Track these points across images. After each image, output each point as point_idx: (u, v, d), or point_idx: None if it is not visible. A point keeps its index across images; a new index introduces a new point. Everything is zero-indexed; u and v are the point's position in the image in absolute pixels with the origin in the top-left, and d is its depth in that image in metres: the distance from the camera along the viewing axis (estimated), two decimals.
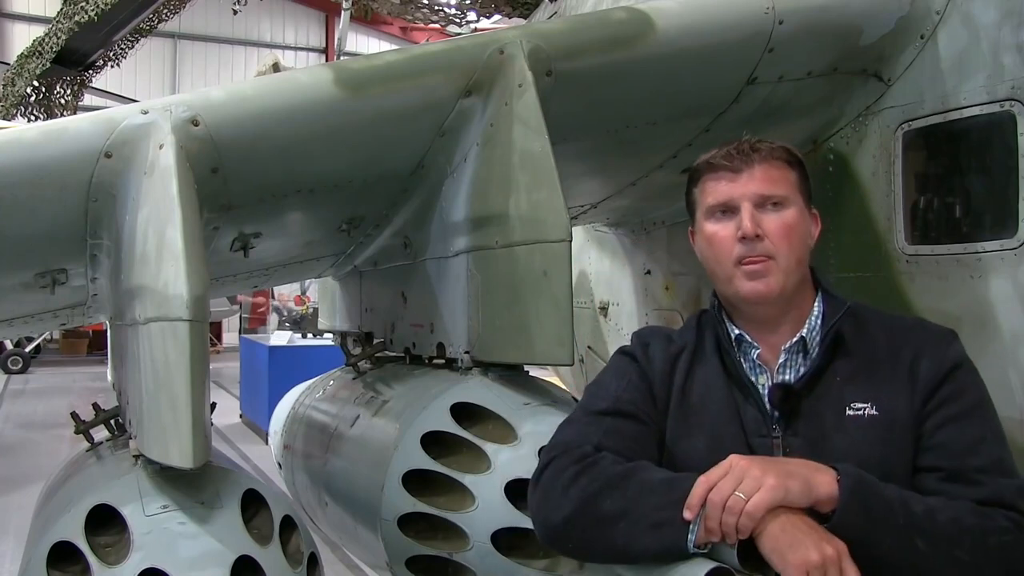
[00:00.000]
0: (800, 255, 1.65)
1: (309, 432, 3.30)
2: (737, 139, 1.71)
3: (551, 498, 1.58)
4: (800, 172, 1.70)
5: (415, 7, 8.09)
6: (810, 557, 1.32)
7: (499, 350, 2.36)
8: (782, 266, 1.61)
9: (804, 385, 1.60)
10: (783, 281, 1.62)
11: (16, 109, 12.96)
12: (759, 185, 1.63)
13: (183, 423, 1.83)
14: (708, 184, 1.69)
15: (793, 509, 1.39)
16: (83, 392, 13.78)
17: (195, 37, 24.91)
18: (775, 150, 1.67)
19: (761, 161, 1.65)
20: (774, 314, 1.67)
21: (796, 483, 1.40)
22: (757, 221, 1.61)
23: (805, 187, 1.70)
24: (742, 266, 1.62)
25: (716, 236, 1.66)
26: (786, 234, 1.62)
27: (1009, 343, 2.28)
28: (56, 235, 2.29)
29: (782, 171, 1.66)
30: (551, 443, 1.70)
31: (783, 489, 1.39)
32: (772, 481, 1.39)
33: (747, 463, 1.43)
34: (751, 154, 1.65)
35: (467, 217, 2.43)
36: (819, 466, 1.44)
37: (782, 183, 1.65)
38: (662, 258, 3.79)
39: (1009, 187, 2.25)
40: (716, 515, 1.40)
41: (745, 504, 1.38)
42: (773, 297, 1.63)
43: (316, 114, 2.20)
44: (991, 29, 2.31)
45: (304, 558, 2.00)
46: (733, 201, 1.64)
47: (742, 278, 1.63)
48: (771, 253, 1.61)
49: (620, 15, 2.34)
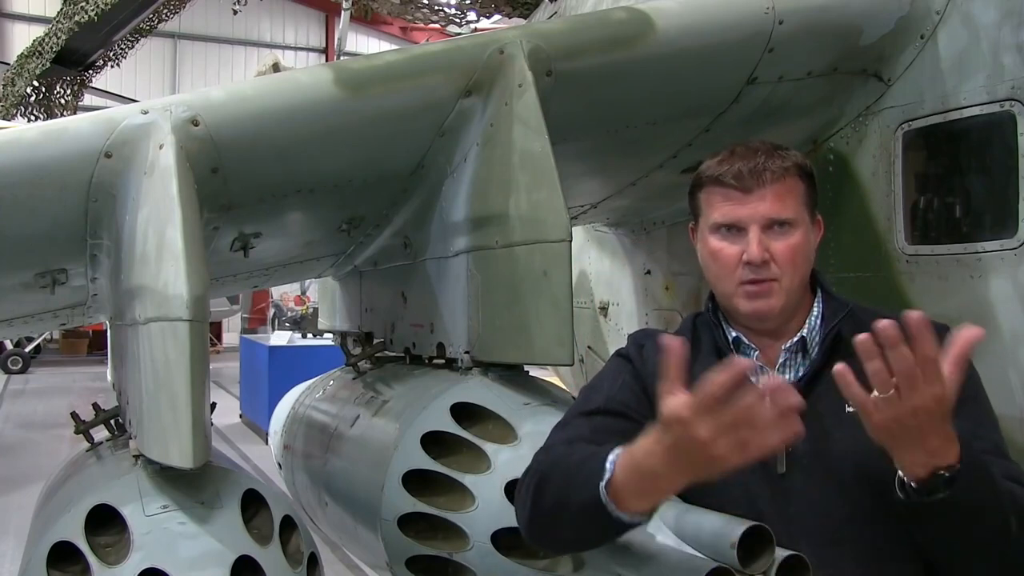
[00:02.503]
0: (804, 274, 1.65)
1: (309, 432, 3.30)
2: (747, 145, 1.66)
3: (519, 501, 1.65)
4: (809, 184, 1.67)
5: (415, 7, 8.10)
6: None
7: (499, 350, 2.36)
8: (785, 287, 1.61)
9: (804, 385, 1.60)
10: (784, 301, 1.62)
11: (16, 109, 12.96)
12: (769, 208, 1.60)
13: (183, 423, 1.83)
14: (715, 198, 1.66)
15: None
16: (83, 392, 13.78)
17: (195, 37, 24.93)
18: (788, 168, 1.63)
19: (773, 182, 1.61)
20: (774, 325, 1.68)
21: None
22: (765, 245, 1.59)
23: (813, 199, 1.68)
24: (745, 286, 1.62)
25: (721, 253, 1.65)
26: (792, 258, 1.61)
27: (1009, 343, 2.28)
28: (56, 235, 2.29)
29: (793, 189, 1.63)
30: (541, 447, 1.72)
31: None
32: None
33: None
34: (763, 174, 1.61)
35: (467, 217, 2.43)
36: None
37: (791, 203, 1.62)
38: (662, 258, 3.79)
39: (1009, 187, 2.25)
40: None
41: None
42: (773, 316, 1.64)
43: (316, 114, 2.20)
44: (991, 29, 2.31)
45: (304, 558, 2.00)
46: (741, 222, 1.62)
47: (743, 298, 1.63)
48: (775, 276, 1.60)
49: (620, 15, 2.34)
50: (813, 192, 1.68)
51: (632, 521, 1.46)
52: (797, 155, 1.68)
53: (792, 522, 1.55)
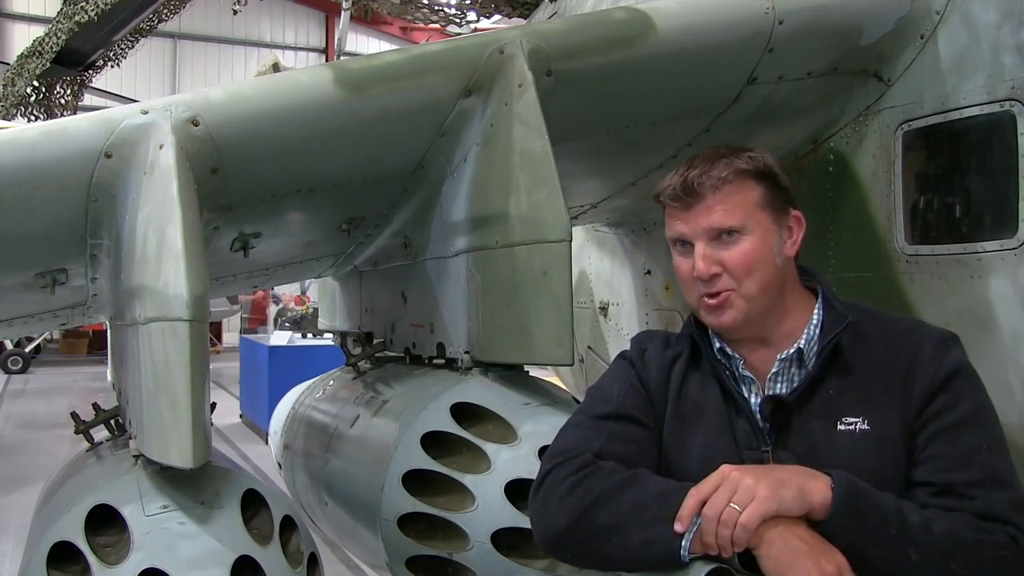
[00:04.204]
0: (766, 279, 1.59)
1: (309, 432, 3.30)
2: (697, 156, 1.63)
3: (550, 507, 1.58)
4: (766, 185, 1.60)
5: (415, 7, 8.10)
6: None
7: (499, 350, 2.36)
8: (744, 295, 1.58)
9: (797, 398, 1.57)
10: (746, 309, 1.59)
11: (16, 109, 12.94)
12: (712, 218, 1.56)
13: (183, 423, 1.83)
14: (667, 213, 1.65)
15: (789, 518, 1.38)
16: (83, 392, 13.77)
17: (195, 37, 24.89)
18: (729, 174, 1.57)
19: (713, 191, 1.56)
20: (750, 334, 1.64)
21: (790, 491, 1.38)
22: (713, 258, 1.57)
23: (774, 199, 1.61)
24: (703, 299, 1.60)
25: (680, 269, 1.64)
26: (745, 265, 1.57)
27: (1009, 343, 2.28)
28: (56, 235, 2.29)
29: (740, 193, 1.57)
30: (553, 449, 1.69)
31: (777, 499, 1.37)
32: (765, 492, 1.37)
33: (739, 473, 1.41)
34: (700, 187, 1.57)
35: (467, 217, 2.43)
36: (813, 472, 1.43)
37: (738, 210, 1.57)
38: (662, 258, 3.79)
39: (1009, 187, 2.25)
40: (712, 529, 1.38)
41: (739, 516, 1.36)
42: (737, 327, 1.61)
43: (316, 114, 2.20)
44: (991, 29, 2.32)
45: (304, 558, 2.00)
46: (686, 236, 1.61)
47: (704, 311, 1.62)
48: (731, 286, 1.58)
49: (620, 15, 2.34)
50: (774, 191, 1.61)
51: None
52: (749, 157, 1.61)
53: None
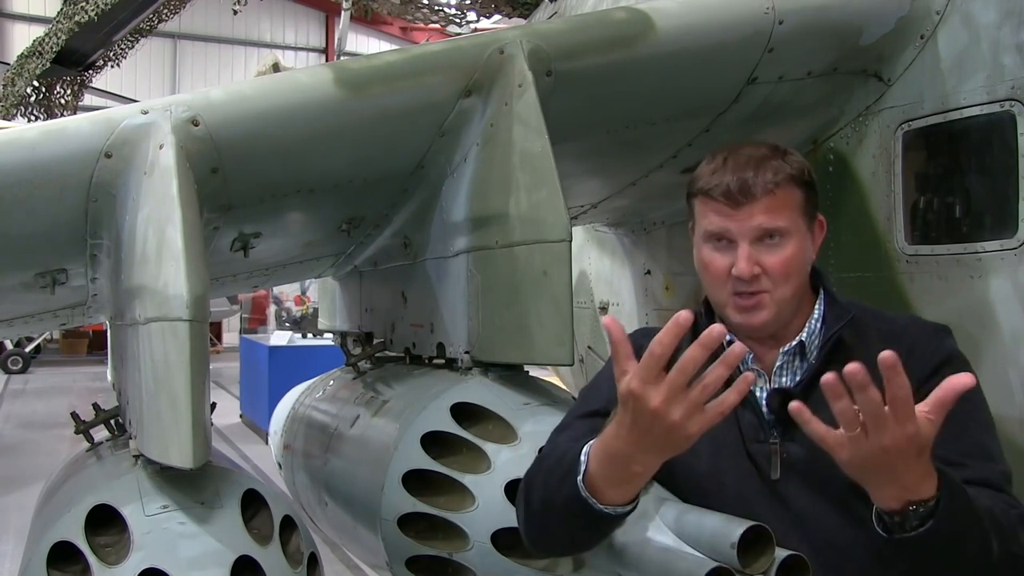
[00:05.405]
0: (799, 283, 1.61)
1: (309, 432, 3.30)
2: (740, 152, 1.61)
3: (517, 505, 1.67)
4: (807, 191, 1.62)
5: (415, 7, 8.10)
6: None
7: (499, 350, 2.36)
8: (776, 298, 1.59)
9: (801, 390, 1.58)
10: (776, 312, 1.60)
11: (16, 109, 12.96)
12: (760, 219, 1.56)
13: (183, 423, 1.83)
14: (706, 208, 1.63)
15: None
16: (83, 392, 13.78)
17: (195, 37, 24.93)
18: (779, 181, 1.57)
19: (763, 195, 1.56)
20: (765, 334, 1.65)
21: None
22: (755, 259, 1.57)
23: (811, 204, 1.63)
24: (735, 298, 1.60)
25: (712, 264, 1.62)
26: (784, 270, 1.58)
27: (1009, 343, 2.27)
28: (56, 235, 2.29)
29: (787, 197, 1.58)
30: (540, 452, 1.72)
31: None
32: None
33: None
34: (752, 189, 1.56)
35: (467, 217, 2.43)
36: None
37: (784, 213, 1.57)
38: (662, 258, 3.79)
39: (1009, 187, 2.25)
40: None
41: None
42: (765, 328, 1.62)
43: (316, 114, 2.20)
44: (991, 29, 2.31)
45: (304, 558, 2.00)
46: (730, 235, 1.59)
47: (734, 309, 1.61)
48: (766, 288, 1.58)
49: (620, 15, 2.34)
50: (812, 197, 1.63)
51: (615, 513, 1.45)
52: (794, 161, 1.62)
53: (786, 528, 1.54)
